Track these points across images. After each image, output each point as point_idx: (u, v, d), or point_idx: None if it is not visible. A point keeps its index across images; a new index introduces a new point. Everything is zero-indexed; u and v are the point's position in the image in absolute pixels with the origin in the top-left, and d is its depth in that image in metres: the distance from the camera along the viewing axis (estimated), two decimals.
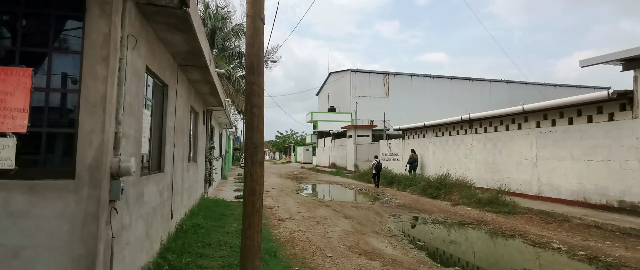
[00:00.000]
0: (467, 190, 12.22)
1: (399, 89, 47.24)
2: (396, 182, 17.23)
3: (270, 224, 7.97)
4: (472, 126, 14.68)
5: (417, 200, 13.06)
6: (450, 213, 10.36)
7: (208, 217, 7.56)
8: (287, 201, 12.16)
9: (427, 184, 14.18)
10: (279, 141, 74.92)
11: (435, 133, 17.39)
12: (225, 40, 26.15)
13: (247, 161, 3.75)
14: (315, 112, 46.30)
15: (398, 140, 21.50)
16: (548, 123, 11.11)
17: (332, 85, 51.38)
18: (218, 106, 10.83)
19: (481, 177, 13.87)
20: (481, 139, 14.04)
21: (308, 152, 53.78)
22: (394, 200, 13.34)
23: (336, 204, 11.94)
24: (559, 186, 10.58)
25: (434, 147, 17.31)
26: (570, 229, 7.95)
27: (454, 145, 15.74)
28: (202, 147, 10.10)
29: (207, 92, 8.42)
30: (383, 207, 11.37)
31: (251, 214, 3.72)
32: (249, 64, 3.80)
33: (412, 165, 17.62)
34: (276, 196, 13.49)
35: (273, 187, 17.19)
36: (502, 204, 10.32)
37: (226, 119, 14.68)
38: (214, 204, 9.40)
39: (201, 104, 9.53)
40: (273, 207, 10.52)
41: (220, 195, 12.36)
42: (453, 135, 15.95)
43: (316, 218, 9.06)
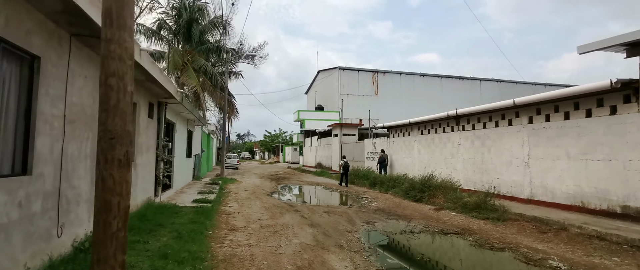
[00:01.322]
0: (453, 193, 11.04)
1: (388, 88, 46.21)
2: (379, 184, 16.03)
3: (215, 236, 6.66)
4: (459, 123, 13.53)
5: (398, 204, 11.85)
6: (432, 219, 9.16)
7: (138, 228, 6.23)
8: (253, 206, 10.86)
9: (411, 186, 12.99)
10: (267, 141, 73.42)
11: (421, 131, 16.23)
12: (203, 33, 24.69)
13: (99, 160, 2.45)
14: (302, 111, 45.00)
15: (383, 139, 20.33)
16: (541, 118, 9.97)
17: (321, 84, 50.16)
18: (171, 98, 9.49)
19: (469, 178, 12.72)
20: (469, 137, 12.90)
21: (296, 152, 52.47)
22: (373, 203, 12.12)
23: (307, 208, 10.67)
24: (553, 189, 9.45)
25: (419, 145, 16.16)
26: (569, 240, 6.78)
27: (440, 144, 14.58)
28: (148, 145, 8.75)
29: (142, 79, 7.08)
30: (359, 213, 10.13)
31: (103, 241, 2.42)
32: (105, 10, 2.50)
33: (381, 165, 18.43)
34: (244, 200, 12.18)
35: (246, 189, 15.86)
36: (490, 209, 9.15)
37: (191, 114, 13.31)
38: (158, 211, 8.06)
39: (144, 95, 8.19)
40: (231, 213, 9.21)
41: (177, 199, 11.00)
42: (439, 133, 14.80)
43: (276, 227, 7.78)
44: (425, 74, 49.11)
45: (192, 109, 12.70)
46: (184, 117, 13.84)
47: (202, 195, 12.16)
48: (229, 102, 26.32)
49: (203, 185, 15.91)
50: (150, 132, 8.91)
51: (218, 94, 25.07)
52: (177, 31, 23.72)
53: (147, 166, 8.71)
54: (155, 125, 9.41)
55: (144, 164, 8.44)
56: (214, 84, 23.96)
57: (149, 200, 8.81)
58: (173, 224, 7.07)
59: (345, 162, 18.08)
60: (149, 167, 8.88)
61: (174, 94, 9.08)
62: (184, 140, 14.80)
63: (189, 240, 5.83)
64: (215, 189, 14.51)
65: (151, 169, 9.16)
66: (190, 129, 16.03)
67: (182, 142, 14.28)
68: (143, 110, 8.13)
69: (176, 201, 10.36)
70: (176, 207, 9.14)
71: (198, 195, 12.11)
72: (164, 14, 24.47)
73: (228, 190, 14.88)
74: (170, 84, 8.58)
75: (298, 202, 12.37)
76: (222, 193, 13.52)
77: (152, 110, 9.15)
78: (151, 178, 9.18)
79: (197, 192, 12.76)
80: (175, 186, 12.90)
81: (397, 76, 47.58)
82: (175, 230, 6.43)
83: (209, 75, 23.33)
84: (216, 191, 13.59)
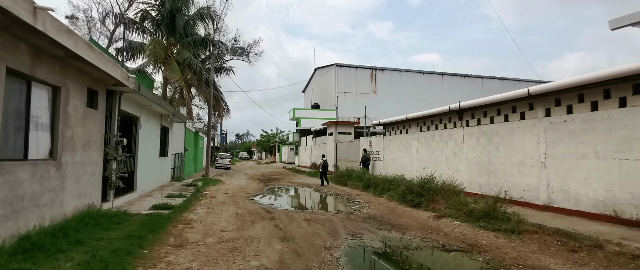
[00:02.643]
0: (456, 198, 9.50)
1: (387, 86, 44.72)
2: (373, 186, 14.49)
3: (149, 257, 5.12)
4: (462, 118, 12.00)
5: (393, 210, 10.32)
6: (432, 230, 7.62)
7: (40, 248, 4.70)
8: (223, 212, 9.33)
9: (408, 189, 11.45)
10: (263, 140, 71.90)
11: (420, 127, 14.70)
12: (188, 25, 23.11)
13: None
14: (297, 109, 43.48)
15: (379, 137, 18.81)
16: (561, 110, 8.44)
17: (318, 82, 48.66)
18: (122, 86, 7.96)
19: (473, 180, 11.19)
20: (474, 134, 11.36)
21: (292, 152, 50.94)
22: (364, 209, 10.58)
23: (286, 215, 9.14)
24: (577, 194, 7.91)
25: (418, 144, 14.63)
26: (608, 262, 5.24)
27: (441, 142, 13.05)
28: (87, 140, 7.22)
29: (60, 55, 5.56)
30: (345, 221, 8.60)
31: None
32: None
33: (364, 164, 18.55)
34: (217, 204, 10.65)
35: (227, 191, 14.34)
36: (501, 218, 7.62)
37: (160, 107, 11.76)
38: (94, 222, 6.53)
39: (77, 78, 6.66)
40: (191, 223, 7.68)
41: (135, 205, 9.48)
42: (440, 130, 13.27)
43: (238, 241, 6.26)
44: (425, 71, 47.63)
45: (159, 102, 11.17)
46: (153, 110, 12.31)
47: (169, 199, 10.63)
48: (216, 98, 24.79)
49: (179, 187, 14.39)
50: (91, 124, 7.38)
51: (204, 89, 23.53)
52: (160, 22, 22.18)
53: (86, 166, 7.18)
54: (101, 118, 7.88)
55: (80, 163, 6.91)
56: (200, 78, 22.44)
57: (88, 207, 7.27)
58: (100, 240, 5.53)
59: (324, 161, 18.51)
60: (89, 167, 7.34)
61: (122, 79, 7.55)
62: (156, 137, 13.27)
63: (100, 268, 4.29)
64: (190, 191, 12.98)
65: (94, 170, 7.62)
66: (165, 125, 14.50)
67: (152, 139, 12.75)
68: (75, 97, 6.60)
69: (131, 207, 8.83)
70: (125, 215, 7.61)
71: (165, 199, 10.58)
72: (147, 4, 22.94)
73: (205, 193, 13.35)
74: (114, 66, 7.05)
75: (279, 207, 10.84)
76: (195, 196, 11.99)
77: (95, 98, 7.62)
78: (94, 180, 7.65)
79: (166, 196, 11.23)
80: (141, 189, 11.36)
81: (396, 74, 46.10)
82: (94, 252, 4.89)
83: (194, 69, 21.79)
84: (189, 194, 12.06)
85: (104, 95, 8.03)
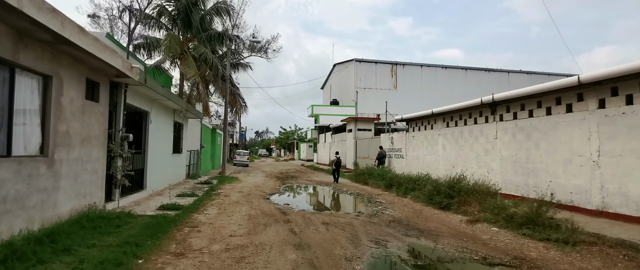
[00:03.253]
0: (491, 200, 8.51)
1: (408, 81, 43.36)
2: (396, 185, 13.57)
3: (147, 267, 4.46)
4: (496, 111, 10.92)
5: (420, 213, 9.40)
6: (467, 238, 6.69)
7: (20, 257, 4.11)
8: (235, 213, 8.67)
9: (435, 189, 10.50)
10: (282, 137, 71.58)
11: (447, 123, 13.65)
12: (205, 20, 22.66)
13: None
14: (316, 106, 42.75)
15: (401, 134, 17.81)
16: (619, 101, 7.31)
17: (336, 77, 47.74)
18: (126, 77, 7.38)
19: (509, 180, 10.12)
20: (509, 129, 10.28)
21: (310, 149, 50.31)
22: (387, 211, 9.72)
23: (303, 217, 8.39)
24: (639, 197, 6.80)
25: (444, 140, 13.59)
26: None
27: (471, 138, 11.99)
28: (87, 135, 6.66)
29: (48, 39, 4.96)
30: (367, 225, 7.77)
31: None
32: None
33: (380, 161, 18.30)
34: (230, 204, 10.03)
35: (242, 190, 13.74)
36: (549, 225, 6.61)
37: (172, 102, 11.22)
38: (91, 225, 5.95)
39: (73, 67, 6.09)
40: (199, 226, 7.03)
41: (142, 204, 8.94)
42: (469, 125, 12.20)
43: (247, 249, 5.54)
44: (448, 65, 45.99)
45: (169, 96, 10.61)
46: (165, 105, 11.79)
47: (179, 198, 10.06)
48: (233, 93, 24.30)
49: (193, 185, 13.88)
50: (91, 118, 6.82)
51: (220, 85, 23.08)
52: (176, 16, 21.82)
53: (85, 163, 6.62)
54: (103, 111, 7.32)
55: (78, 160, 6.35)
56: (216, 74, 21.96)
57: (89, 207, 6.72)
58: (91, 248, 4.91)
59: (337, 158, 18.15)
60: (89, 164, 6.79)
61: (123, 69, 6.95)
62: (168, 134, 12.79)
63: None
64: (203, 190, 12.44)
65: (96, 167, 7.07)
66: (178, 121, 14.01)
67: (164, 136, 12.25)
68: (71, 88, 6.02)
69: (137, 208, 8.28)
70: (128, 216, 7.03)
71: (175, 198, 10.02)
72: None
73: (219, 192, 12.78)
74: (113, 54, 6.44)
75: (295, 208, 10.10)
76: (208, 195, 11.42)
77: (96, 90, 7.06)
78: (96, 179, 7.10)
79: (177, 195, 10.69)
80: (152, 187, 10.86)
81: (417, 68, 44.67)
82: (78, 263, 4.26)
83: (210, 64, 21.33)
84: (202, 193, 11.50)
85: (106, 88, 7.47)
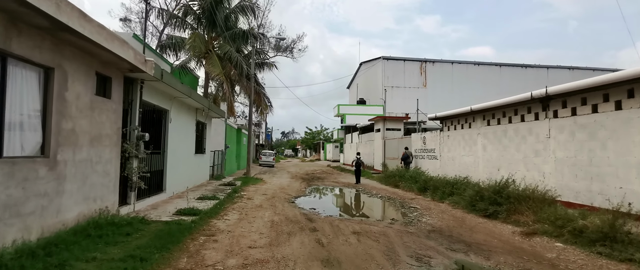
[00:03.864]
0: (549, 209, 7.35)
1: (438, 79, 41.60)
2: (431, 189, 12.48)
3: None
4: (548, 107, 9.66)
5: (462, 221, 8.34)
6: (526, 255, 5.63)
7: None
8: (257, 219, 7.97)
9: (477, 194, 9.39)
10: (308, 138, 71.10)
11: (487, 121, 12.42)
12: (229, 19, 22.31)
13: None
14: (342, 105, 41.81)
15: (435, 133, 16.63)
16: None
17: (363, 76, 46.62)
18: (141, 72, 6.83)
19: (567, 185, 8.86)
20: (565, 127, 9.02)
21: (337, 149, 49.45)
22: (425, 218, 8.72)
23: (331, 225, 7.56)
24: None
25: (484, 140, 12.37)
26: None
27: (517, 137, 10.75)
28: (97, 134, 6.14)
29: (45, 25, 4.39)
30: (404, 235, 6.83)
31: None
32: None
33: (405, 162, 18.14)
34: (252, 208, 9.36)
35: (266, 192, 13.10)
36: (629, 243, 5.44)
37: (192, 100, 10.71)
38: (98, 233, 5.39)
39: (80, 59, 5.55)
40: (216, 234, 6.35)
41: (159, 208, 8.41)
42: (515, 123, 10.95)
43: (268, 265, 4.78)
44: (481, 62, 43.86)
45: (189, 93, 10.07)
46: (186, 103, 11.30)
47: (199, 202, 9.49)
48: (257, 92, 23.82)
49: (215, 187, 13.37)
50: (102, 116, 6.29)
51: (245, 84, 22.65)
52: (201, 15, 21.60)
53: (95, 164, 6.09)
54: (116, 108, 6.80)
55: (87, 161, 5.82)
56: (241, 72, 21.54)
57: (100, 212, 6.19)
58: (89, 262, 4.29)
59: (358, 159, 17.93)
60: (100, 165, 6.26)
61: (136, 62, 6.38)
62: (190, 133, 12.32)
63: None
64: (226, 192, 11.87)
65: (108, 169, 6.55)
66: (200, 120, 13.55)
67: (186, 135, 11.77)
68: (77, 83, 5.49)
69: (153, 213, 7.73)
70: (141, 223, 6.46)
71: (195, 202, 9.46)
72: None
73: (242, 194, 12.19)
74: (122, 45, 5.87)
75: (322, 214, 9.29)
76: (230, 198, 10.82)
77: (108, 86, 6.54)
78: (108, 181, 6.58)
79: (197, 198, 10.14)
80: (172, 189, 10.38)
81: (448, 65, 42.84)
82: None
83: (235, 63, 20.93)
84: (224, 196, 10.92)
85: (120, 83, 6.95)
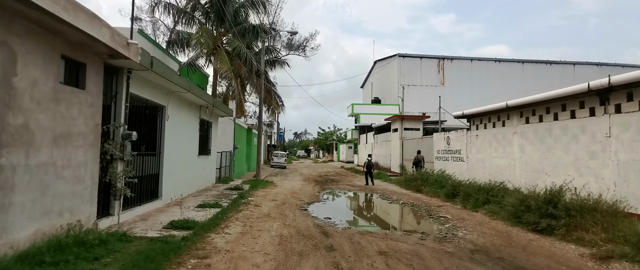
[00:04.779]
0: (625, 225, 5.88)
1: (456, 77, 39.78)
2: (461, 195, 11.03)
3: None
4: (608, 101, 8.13)
5: (508, 237, 6.92)
6: None
7: None
8: (264, 231, 6.74)
9: (522, 204, 7.95)
10: (321, 138, 69.81)
11: (526, 118, 10.92)
12: (239, 13, 21.24)
13: None
14: (356, 104, 40.38)
15: (461, 133, 15.12)
16: None
17: (377, 74, 45.11)
18: (120, 57, 5.68)
19: (633, 193, 7.33)
20: (632, 124, 7.50)
21: (350, 150, 48.05)
22: (460, 232, 7.33)
23: (350, 241, 6.26)
24: None
25: (522, 140, 10.87)
26: None
27: (565, 137, 9.24)
28: (65, 132, 4.99)
29: None
30: (442, 257, 5.48)
31: None
32: None
33: (417, 165, 17.48)
34: (259, 218, 8.14)
35: (276, 198, 11.89)
36: None
37: (192, 94, 9.57)
38: (50, 259, 4.22)
39: (40, 39, 4.41)
40: (212, 254, 5.13)
41: (149, 219, 7.25)
42: (563, 120, 9.44)
43: None
44: (502, 59, 41.90)
45: (188, 87, 8.92)
46: (187, 99, 10.18)
47: (198, 210, 8.31)
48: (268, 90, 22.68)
49: (221, 191, 12.22)
50: (72, 110, 5.14)
51: (255, 81, 21.54)
52: (209, 10, 20.57)
53: (62, 169, 4.94)
54: (92, 101, 5.65)
55: (48, 166, 4.67)
56: (251, 69, 20.42)
57: (69, 228, 5.04)
58: None
59: (369, 161, 17.75)
60: (69, 170, 5.10)
61: (113, 44, 5.21)
62: (192, 133, 11.20)
63: None
64: (231, 197, 10.69)
65: (80, 174, 5.40)
66: (205, 119, 12.42)
67: (187, 135, 10.65)
68: (33, 66, 4.34)
69: (140, 226, 6.55)
70: (121, 240, 5.28)
71: (193, 210, 8.28)
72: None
73: (249, 200, 11.00)
74: (93, 22, 4.70)
75: (338, 225, 7.99)
76: (235, 205, 9.64)
77: (81, 74, 5.39)
78: (82, 189, 5.43)
79: (197, 205, 8.96)
80: (169, 194, 9.24)
81: (466, 63, 41.00)
82: None
83: (244, 59, 19.82)
84: (228, 202, 9.74)
85: (98, 71, 5.80)
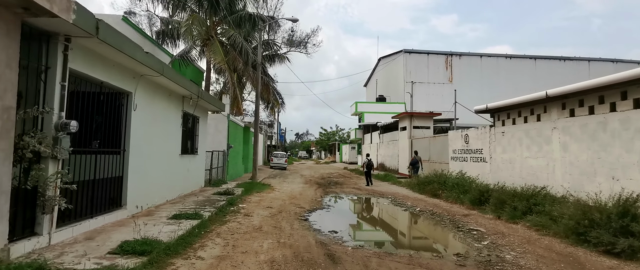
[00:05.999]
0: None
1: (465, 74, 37.96)
2: (492, 202, 9.25)
3: None
4: None
5: (578, 264, 5.15)
6: None
7: None
8: (251, 254, 5.01)
9: (584, 217, 6.18)
10: (323, 139, 67.99)
11: (570, 111, 9.16)
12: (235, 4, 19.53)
13: None
14: (360, 102, 38.59)
15: (482, 130, 13.35)
16: None
17: (382, 72, 43.30)
18: (49, 14, 3.97)
19: None
20: None
21: (354, 151, 46.31)
22: (506, 253, 5.57)
23: (365, 268, 4.52)
24: None
25: (565, 136, 9.10)
26: None
27: (628, 132, 7.47)
28: None
29: None
30: None
31: None
32: None
33: (414, 167, 17.29)
34: (248, 232, 6.42)
35: (272, 204, 10.17)
36: None
37: (170, 81, 7.86)
38: None
39: None
40: None
41: (100, 237, 5.53)
42: (624, 111, 7.67)
43: None
44: (513, 55, 40.00)
45: (160, 69, 7.18)
46: (164, 87, 8.47)
47: (168, 224, 6.56)
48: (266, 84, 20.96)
49: (208, 196, 10.48)
50: None
51: (251, 74, 19.80)
52: None
53: None
54: (5, 76, 3.93)
55: None
56: (247, 61, 18.69)
57: None
58: None
59: (368, 160, 17.65)
60: None
61: None
62: (173, 128, 9.49)
63: None
64: (218, 205, 8.97)
65: None
66: (189, 112, 10.69)
67: (165, 130, 8.93)
68: None
69: (78, 249, 4.81)
70: None
71: (161, 224, 6.55)
72: None
73: (239, 207, 9.29)
74: None
75: (347, 242, 6.24)
76: (220, 215, 7.92)
77: None
78: None
79: (171, 216, 7.22)
80: (137, 202, 7.48)
81: (476, 59, 39.16)
82: None
83: (239, 49, 18.10)
84: (212, 211, 8.02)
85: (11, 34, 4.08)
